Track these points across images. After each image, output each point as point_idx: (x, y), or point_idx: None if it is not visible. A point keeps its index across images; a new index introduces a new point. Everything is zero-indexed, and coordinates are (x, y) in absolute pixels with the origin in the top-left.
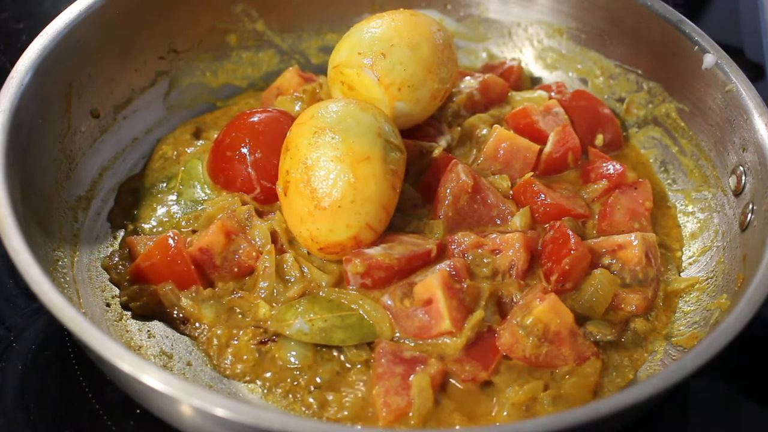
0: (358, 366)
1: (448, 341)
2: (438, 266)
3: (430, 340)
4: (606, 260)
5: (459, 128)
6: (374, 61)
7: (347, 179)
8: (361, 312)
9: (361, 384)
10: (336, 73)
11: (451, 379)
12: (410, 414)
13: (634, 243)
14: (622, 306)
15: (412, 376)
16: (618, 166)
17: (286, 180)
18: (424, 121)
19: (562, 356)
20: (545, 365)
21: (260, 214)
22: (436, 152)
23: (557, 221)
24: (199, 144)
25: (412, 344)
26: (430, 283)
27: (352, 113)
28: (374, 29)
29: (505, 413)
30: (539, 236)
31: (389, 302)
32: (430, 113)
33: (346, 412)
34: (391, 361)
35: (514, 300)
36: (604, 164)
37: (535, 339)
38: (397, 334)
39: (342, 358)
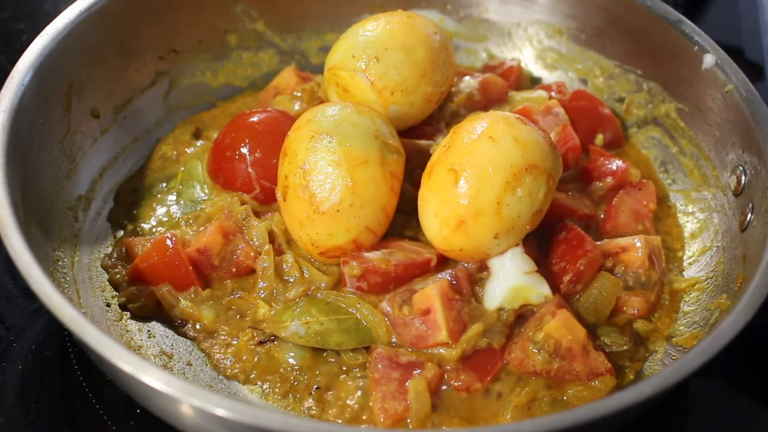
0: (356, 369)
1: (443, 351)
2: (440, 275)
3: (426, 350)
4: (609, 263)
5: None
6: (368, 64)
7: (345, 183)
8: (358, 316)
9: (360, 386)
10: (331, 75)
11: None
12: (408, 419)
13: (638, 245)
14: (624, 309)
15: (408, 381)
16: (621, 163)
17: (284, 185)
18: (420, 122)
19: (574, 372)
20: (556, 380)
21: (258, 215)
22: (434, 150)
23: (565, 222)
24: (199, 144)
25: (410, 349)
26: (429, 293)
27: (348, 117)
28: (369, 32)
29: (508, 416)
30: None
31: (388, 308)
32: (425, 116)
33: (345, 414)
34: (388, 366)
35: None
36: (606, 162)
37: (545, 355)
38: (394, 340)
39: (340, 360)
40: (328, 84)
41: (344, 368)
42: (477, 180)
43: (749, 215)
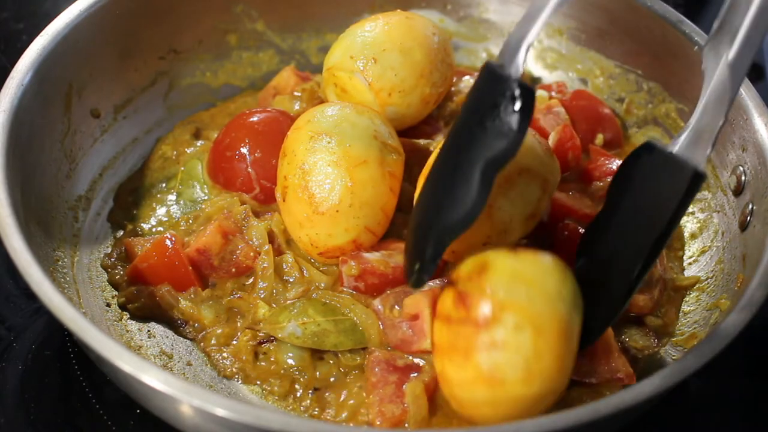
0: (354, 370)
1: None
2: (435, 281)
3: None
4: None
5: None
6: (365, 65)
7: (344, 183)
8: (352, 316)
9: (358, 387)
10: (329, 75)
11: None
12: (406, 424)
13: None
14: (628, 307)
15: (405, 384)
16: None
17: (284, 186)
18: (418, 122)
19: (592, 371)
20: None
21: (257, 215)
22: (433, 149)
23: (566, 222)
24: (198, 144)
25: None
26: (420, 299)
27: (347, 117)
28: (367, 33)
29: None
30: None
31: (379, 307)
32: (423, 116)
33: (344, 415)
34: (385, 370)
35: None
36: (607, 162)
37: None
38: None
39: (339, 361)
40: (327, 84)
41: (342, 369)
42: None
43: (749, 215)
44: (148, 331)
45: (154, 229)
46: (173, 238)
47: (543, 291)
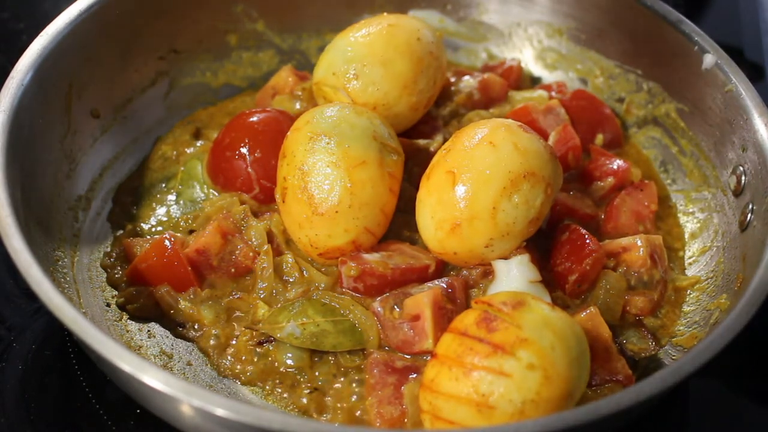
0: (353, 371)
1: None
2: (435, 282)
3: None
4: (610, 263)
5: (457, 123)
6: (348, 81)
7: (344, 184)
8: (351, 317)
9: (357, 388)
10: (317, 89)
11: None
12: (405, 421)
13: (639, 245)
14: (628, 309)
15: (404, 386)
16: (622, 163)
17: (283, 186)
18: (414, 123)
19: (591, 373)
20: None
21: (256, 215)
22: (433, 149)
23: (567, 222)
24: (198, 144)
25: (408, 356)
26: (421, 299)
27: (346, 118)
28: (349, 47)
29: None
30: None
31: (379, 309)
32: (415, 121)
33: (344, 415)
34: (383, 372)
35: None
36: (607, 161)
37: None
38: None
39: (338, 361)
40: (317, 97)
41: (342, 370)
42: (474, 183)
43: (749, 215)
44: (148, 331)
45: (153, 229)
46: (172, 239)
47: (566, 349)
